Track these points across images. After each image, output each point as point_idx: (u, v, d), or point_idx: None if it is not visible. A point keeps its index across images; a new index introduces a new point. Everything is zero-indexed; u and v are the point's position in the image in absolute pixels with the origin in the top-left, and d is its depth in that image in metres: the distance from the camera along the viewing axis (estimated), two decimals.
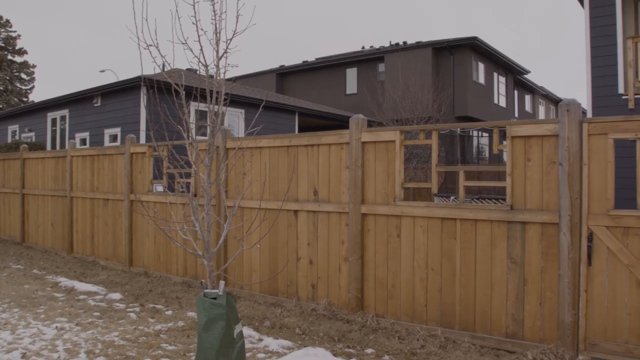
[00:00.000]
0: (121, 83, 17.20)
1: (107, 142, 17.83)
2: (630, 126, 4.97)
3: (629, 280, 4.98)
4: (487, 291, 5.72)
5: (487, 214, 5.69)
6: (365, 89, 27.29)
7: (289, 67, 34.08)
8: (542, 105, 40.45)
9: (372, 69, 29.18)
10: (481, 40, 26.08)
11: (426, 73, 25.62)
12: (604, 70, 11.92)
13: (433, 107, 22.12)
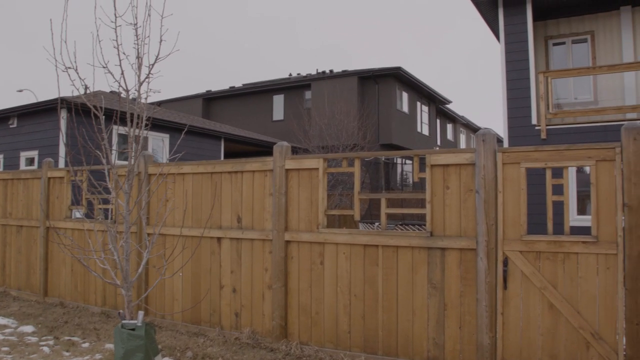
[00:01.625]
0: (40, 104, 16.56)
1: (23, 166, 17.06)
2: (540, 156, 5.24)
3: (542, 302, 5.20)
4: (409, 316, 5.81)
5: (408, 240, 5.81)
6: (292, 115, 27.49)
7: (215, 92, 33.89)
8: (463, 134, 41.92)
9: (299, 96, 29.45)
10: (405, 70, 26.86)
11: (352, 101, 26.09)
12: (519, 102, 12.52)
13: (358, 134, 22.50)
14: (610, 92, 13.32)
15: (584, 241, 5.06)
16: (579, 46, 14.00)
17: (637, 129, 4.91)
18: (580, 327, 5.05)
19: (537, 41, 13.96)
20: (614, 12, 13.55)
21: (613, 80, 13.30)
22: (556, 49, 14.24)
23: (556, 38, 14.20)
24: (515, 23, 13.02)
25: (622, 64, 12.52)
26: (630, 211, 4.88)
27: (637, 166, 4.87)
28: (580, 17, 13.86)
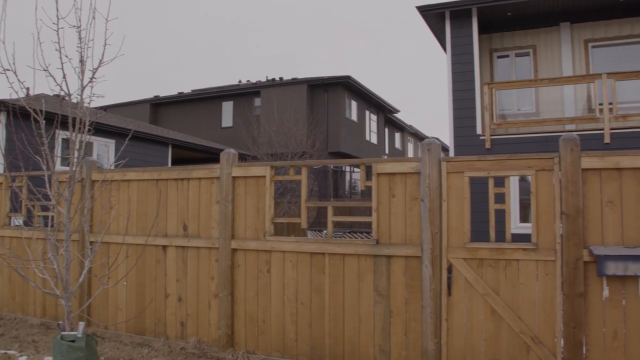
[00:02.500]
0: None
1: None
2: (483, 165, 5.38)
3: (484, 308, 5.31)
4: (355, 324, 5.84)
5: (354, 248, 5.84)
6: (241, 122, 27.34)
7: (164, 98, 33.41)
8: (411, 143, 42.58)
9: (248, 103, 29.34)
10: (354, 79, 27.11)
11: (301, 109, 26.16)
12: (464, 113, 12.82)
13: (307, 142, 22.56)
14: (551, 104, 13.79)
15: (525, 248, 5.21)
16: (522, 59, 14.45)
17: (574, 140, 5.09)
18: (521, 332, 5.19)
19: (483, 54, 14.35)
20: (554, 27, 14.06)
21: (553, 93, 13.77)
22: (500, 62, 14.67)
23: (500, 51, 14.63)
24: (461, 35, 13.35)
25: (562, 78, 12.99)
26: (567, 219, 5.05)
27: (574, 176, 5.04)
28: (523, 32, 14.32)
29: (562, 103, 13.70)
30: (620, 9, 13.44)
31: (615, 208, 5.03)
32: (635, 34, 13.57)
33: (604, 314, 5.01)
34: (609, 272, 4.86)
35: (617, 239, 5.02)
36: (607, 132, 11.35)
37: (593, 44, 13.92)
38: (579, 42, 13.96)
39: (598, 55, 13.89)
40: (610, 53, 13.82)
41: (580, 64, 13.84)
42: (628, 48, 13.69)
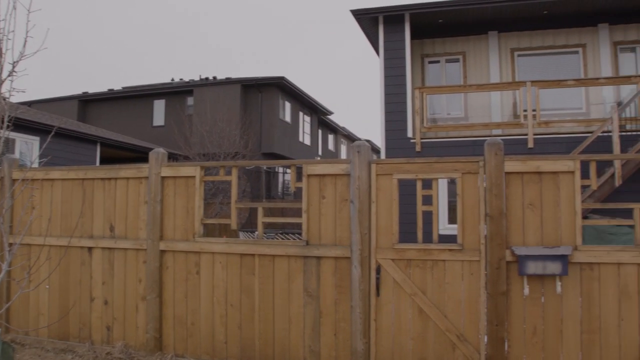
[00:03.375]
0: None
1: None
2: (412, 168, 5.50)
3: (412, 308, 5.42)
4: (285, 325, 5.83)
5: (284, 249, 5.84)
6: (173, 121, 26.84)
7: (93, 95, 32.36)
8: (344, 145, 42.94)
9: (180, 102, 28.84)
10: (288, 80, 27.11)
11: (235, 109, 25.94)
12: (396, 116, 13.05)
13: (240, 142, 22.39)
14: (479, 109, 14.24)
15: (451, 249, 5.35)
16: (452, 65, 14.85)
17: (498, 145, 5.27)
18: (447, 330, 5.32)
19: (414, 58, 14.65)
20: (483, 36, 14.53)
21: (482, 99, 14.23)
22: (431, 67, 15.02)
23: (432, 56, 14.99)
24: (394, 40, 13.59)
25: (489, 84, 13.42)
26: (491, 220, 5.22)
27: (498, 179, 5.22)
28: (453, 39, 14.73)
29: (490, 108, 14.18)
30: (544, 21, 14.05)
31: (535, 210, 5.24)
32: (556, 45, 14.22)
33: (524, 311, 5.21)
34: (530, 272, 5.08)
35: (537, 239, 5.23)
36: (530, 138, 11.81)
37: (519, 52, 14.49)
38: (505, 51, 14.48)
39: (523, 64, 14.46)
40: (535, 62, 14.42)
41: (507, 72, 14.36)
42: (550, 58, 14.32)
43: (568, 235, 5.19)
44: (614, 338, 5.07)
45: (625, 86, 13.17)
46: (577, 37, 14.18)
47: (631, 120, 11.86)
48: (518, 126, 12.27)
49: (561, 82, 12.31)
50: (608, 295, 5.11)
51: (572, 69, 14.15)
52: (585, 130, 12.24)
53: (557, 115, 13.19)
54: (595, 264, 5.14)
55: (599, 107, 13.69)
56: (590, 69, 14.01)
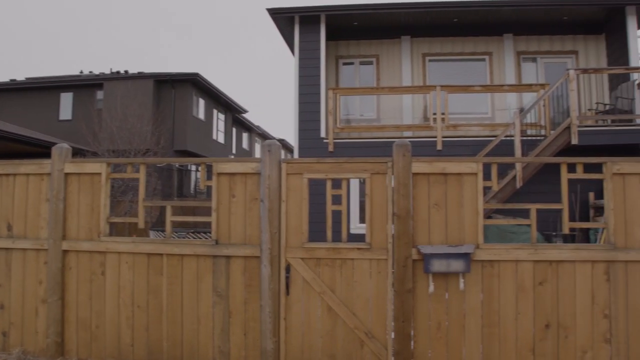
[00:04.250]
0: None
1: None
2: (322, 167, 5.55)
3: (321, 306, 5.48)
4: (194, 325, 5.74)
5: (193, 248, 5.75)
6: (82, 116, 25.74)
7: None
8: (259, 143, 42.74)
9: (89, 96, 27.68)
10: (202, 77, 26.66)
11: (146, 105, 25.21)
12: (310, 116, 13.13)
13: (152, 139, 21.81)
14: (391, 111, 14.58)
15: (359, 248, 5.45)
16: (366, 67, 15.11)
17: (406, 146, 5.41)
18: (355, 328, 5.41)
19: (329, 59, 14.80)
20: (396, 40, 14.89)
21: (394, 101, 14.58)
22: (346, 68, 15.22)
23: (346, 58, 15.18)
24: (309, 40, 13.66)
25: (401, 87, 13.81)
26: (398, 220, 5.36)
27: (405, 179, 5.37)
28: (368, 42, 15.00)
29: (402, 111, 14.54)
30: (454, 29, 14.60)
31: (440, 210, 5.43)
32: (465, 52, 14.81)
33: (429, 307, 5.39)
34: (435, 269, 5.25)
35: (442, 238, 5.42)
36: (439, 140, 12.22)
37: (430, 57, 14.95)
38: (417, 55, 14.91)
39: (434, 69, 14.93)
40: (445, 67, 14.94)
41: (418, 76, 14.79)
42: (460, 64, 14.89)
43: (471, 234, 5.41)
44: (512, 330, 5.34)
45: (527, 93, 13.89)
46: (485, 45, 14.82)
47: (532, 126, 12.51)
48: (428, 129, 12.65)
49: (469, 87, 12.83)
50: (507, 290, 5.37)
51: (480, 75, 14.77)
52: (491, 134, 12.79)
53: (464, 119, 13.71)
54: (495, 262, 5.38)
55: (504, 113, 14.36)
56: (496, 76, 14.67)
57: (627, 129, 11.95)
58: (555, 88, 11.97)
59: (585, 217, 12.24)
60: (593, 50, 14.70)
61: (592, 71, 12.68)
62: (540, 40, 14.78)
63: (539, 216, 5.78)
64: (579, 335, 5.36)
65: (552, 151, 11.34)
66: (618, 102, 12.72)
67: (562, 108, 12.36)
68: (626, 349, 5.35)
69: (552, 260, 5.39)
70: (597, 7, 13.62)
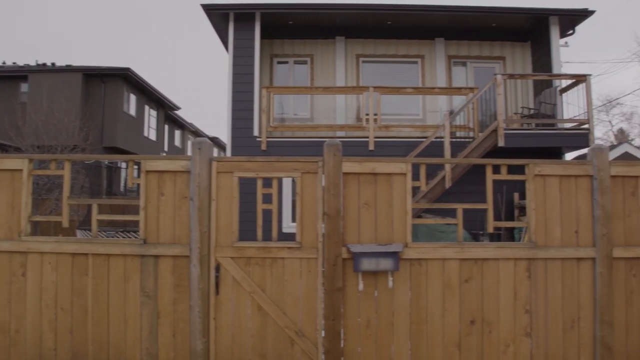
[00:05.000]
0: None
1: None
2: (253, 166, 5.52)
3: (252, 305, 5.45)
4: (121, 327, 5.59)
5: (120, 248, 5.60)
6: (3, 109, 24.63)
7: None
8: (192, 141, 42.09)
9: (13, 88, 26.48)
10: (134, 72, 26.04)
11: (75, 99, 24.39)
12: (243, 114, 13.06)
13: (80, 135, 21.14)
14: (325, 111, 14.69)
15: (290, 247, 5.46)
16: (300, 67, 15.16)
17: (336, 146, 5.46)
18: (286, 327, 5.42)
19: (264, 58, 14.74)
20: (331, 40, 15.01)
21: (327, 101, 14.69)
22: (280, 67, 15.21)
23: (281, 57, 15.18)
24: (244, 38, 13.59)
25: (335, 87, 13.93)
26: (328, 219, 5.40)
27: (336, 179, 5.41)
28: (302, 41, 15.05)
29: (335, 111, 14.68)
30: (388, 31, 14.86)
31: (370, 209, 5.51)
32: (398, 54, 15.11)
33: (359, 305, 5.46)
34: (364, 268, 5.33)
35: (372, 237, 5.50)
36: (371, 140, 12.40)
37: (364, 59, 15.17)
38: (351, 56, 15.08)
39: (367, 70, 15.15)
40: (378, 69, 15.18)
41: (352, 76, 14.96)
42: (393, 66, 15.17)
43: (400, 233, 5.52)
44: (439, 327, 5.48)
45: (457, 96, 14.29)
46: (417, 48, 15.15)
47: (461, 128, 12.88)
48: (360, 129, 12.82)
49: (401, 89, 13.09)
50: (434, 288, 5.51)
51: (412, 77, 15.10)
52: (421, 135, 13.09)
53: (396, 120, 13.97)
54: (423, 260, 5.51)
55: (435, 115, 14.73)
56: (428, 78, 15.04)
57: (549, 133, 12.49)
58: (483, 92, 12.37)
59: (510, 217, 12.71)
60: (519, 56, 15.29)
61: (518, 77, 13.20)
62: (471, 46, 15.25)
63: (468, 215, 5.97)
64: (502, 330, 5.56)
65: (480, 153, 11.71)
66: (542, 107, 13.29)
67: (490, 111, 12.79)
68: (545, 341, 5.59)
69: (478, 258, 5.57)
70: (523, 16, 14.18)
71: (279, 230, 5.67)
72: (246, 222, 5.72)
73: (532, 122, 13.04)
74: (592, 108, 12.32)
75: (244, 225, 5.64)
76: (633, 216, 5.84)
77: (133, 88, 27.74)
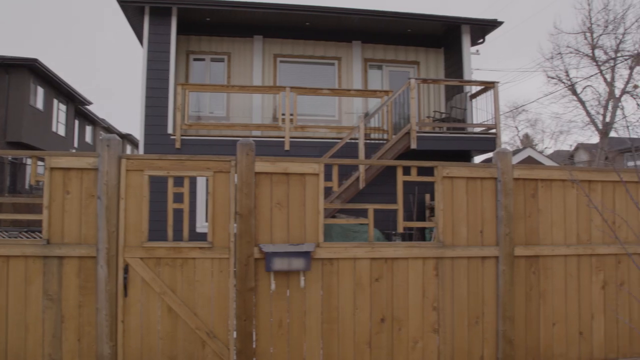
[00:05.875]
0: None
1: None
2: (164, 164, 5.40)
3: (162, 307, 5.33)
4: (21, 333, 5.32)
5: (21, 249, 5.31)
6: None
7: None
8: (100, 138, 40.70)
9: None
10: (42, 63, 24.86)
11: None
12: (157, 111, 12.75)
13: None
14: (241, 110, 14.59)
15: (201, 247, 5.38)
16: (217, 65, 14.98)
17: (249, 145, 5.43)
18: (197, 328, 5.33)
19: (180, 54, 14.46)
20: (249, 39, 14.92)
21: (244, 100, 14.60)
22: (197, 64, 14.96)
23: (198, 54, 14.92)
24: (159, 33, 13.26)
25: (252, 86, 13.86)
26: (241, 219, 5.37)
27: (249, 178, 5.39)
28: (220, 38, 14.86)
29: (252, 110, 14.61)
30: (306, 32, 14.94)
31: (283, 209, 5.52)
32: (316, 55, 15.23)
33: (271, 305, 5.46)
34: (276, 268, 5.33)
35: (284, 237, 5.51)
36: (287, 140, 12.43)
37: (281, 59, 15.17)
38: (269, 56, 15.05)
39: (285, 70, 15.17)
40: (295, 69, 15.24)
41: (269, 76, 14.93)
42: (310, 67, 15.28)
43: (312, 233, 5.56)
44: (350, 325, 5.57)
45: (372, 99, 14.57)
46: (334, 50, 15.32)
47: (376, 130, 13.15)
48: (277, 129, 12.83)
49: (317, 90, 13.19)
50: (345, 287, 5.59)
51: (329, 79, 15.27)
52: (337, 137, 13.25)
53: (313, 121, 14.09)
54: (335, 259, 5.58)
55: (350, 116, 14.95)
56: (344, 80, 15.24)
57: (460, 136, 12.95)
58: (397, 95, 12.67)
59: (422, 217, 13.08)
60: (433, 62, 15.78)
61: (430, 81, 13.59)
62: (386, 50, 15.58)
63: (381, 216, 6.11)
64: (411, 327, 5.72)
65: (394, 154, 11.98)
66: (453, 112, 13.77)
67: (404, 114, 13.12)
68: (452, 337, 5.81)
69: (388, 257, 5.70)
70: (437, 23, 14.66)
71: (192, 230, 5.60)
72: (157, 222, 5.59)
73: (444, 126, 13.48)
74: (499, 114, 12.87)
75: (154, 225, 5.52)
76: (533, 217, 6.16)
77: (41, 80, 26.47)
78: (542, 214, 6.23)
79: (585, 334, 6.26)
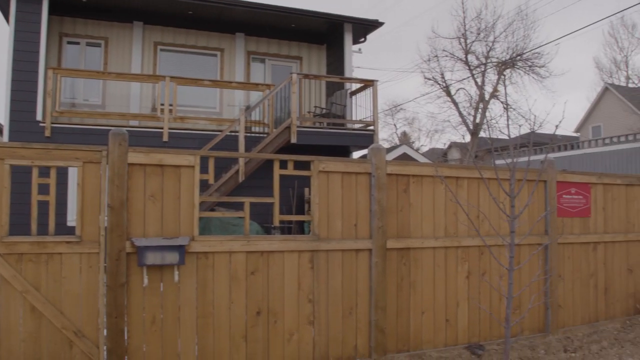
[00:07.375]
0: None
1: None
2: (27, 153, 5.05)
3: (24, 307, 4.99)
4: None
5: None
6: None
7: None
8: None
9: None
10: None
11: None
12: (24, 96, 11.92)
13: None
14: (118, 98, 13.98)
15: (68, 241, 5.11)
16: (94, 49, 14.24)
17: (122, 135, 5.24)
18: (63, 327, 5.07)
19: (52, 36, 13.55)
20: (128, 24, 14.31)
21: (121, 88, 13.99)
22: (70, 48, 14.13)
23: (72, 37, 14.08)
24: (29, 11, 12.34)
25: (130, 74, 13.31)
26: (112, 212, 5.17)
27: (121, 169, 5.19)
28: (97, 22, 14.11)
29: (129, 99, 14.04)
30: (188, 21, 14.60)
31: (157, 202, 5.38)
32: (198, 46, 14.93)
33: (144, 301, 5.31)
34: (149, 262, 5.19)
35: (158, 230, 5.38)
36: (166, 131, 12.11)
37: (162, 47, 14.72)
38: (149, 43, 14.54)
39: (165, 59, 14.74)
40: (176, 58, 14.86)
41: (149, 64, 14.43)
42: (192, 57, 14.96)
43: (187, 226, 5.47)
44: (225, 319, 5.55)
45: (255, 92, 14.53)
46: (217, 41, 15.09)
47: (257, 123, 13.13)
48: (155, 119, 12.47)
49: (198, 81, 12.96)
50: (221, 281, 5.55)
51: (211, 70, 15.03)
52: (218, 129, 13.09)
53: (193, 112, 13.80)
54: (210, 253, 5.53)
55: (232, 109, 14.82)
56: (227, 72, 15.06)
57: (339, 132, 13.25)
58: (279, 89, 12.73)
59: (301, 211, 13.24)
60: (315, 58, 16.00)
61: (312, 77, 13.77)
62: (270, 43, 15.59)
63: (261, 209, 6.12)
64: (286, 319, 5.79)
65: (274, 148, 12.03)
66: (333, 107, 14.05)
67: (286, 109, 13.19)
68: (327, 328, 5.95)
69: (264, 250, 5.73)
70: (320, 20, 14.85)
71: (62, 224, 5.33)
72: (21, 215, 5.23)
73: (324, 121, 13.69)
74: (377, 111, 13.29)
75: (18, 219, 5.16)
76: (404, 211, 6.43)
77: None
78: (413, 208, 6.52)
79: (451, 321, 6.64)
